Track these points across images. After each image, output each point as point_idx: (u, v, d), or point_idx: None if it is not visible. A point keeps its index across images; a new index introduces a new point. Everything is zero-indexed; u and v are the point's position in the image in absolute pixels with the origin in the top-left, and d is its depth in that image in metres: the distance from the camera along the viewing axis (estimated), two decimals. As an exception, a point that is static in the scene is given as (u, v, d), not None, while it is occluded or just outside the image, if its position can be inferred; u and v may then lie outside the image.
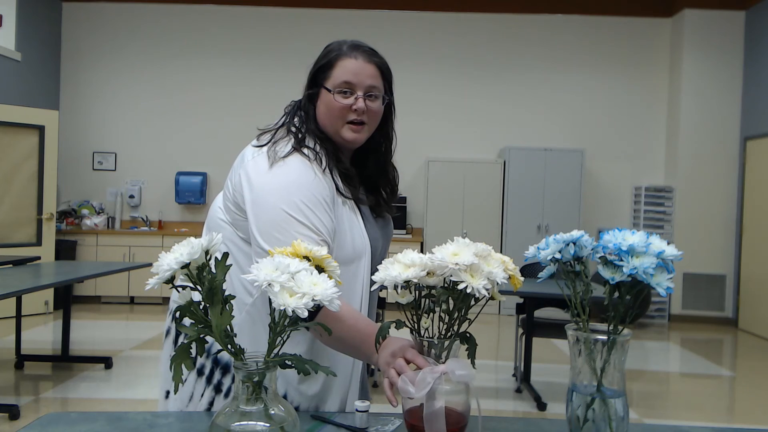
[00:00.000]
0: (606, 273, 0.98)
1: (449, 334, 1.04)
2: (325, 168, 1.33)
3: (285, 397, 1.31)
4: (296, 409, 1.28)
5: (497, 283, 1.00)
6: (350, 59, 1.35)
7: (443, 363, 1.01)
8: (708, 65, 7.29)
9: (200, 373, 1.35)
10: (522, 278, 1.09)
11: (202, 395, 1.34)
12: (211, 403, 1.34)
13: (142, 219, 7.70)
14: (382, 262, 1.06)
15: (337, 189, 1.34)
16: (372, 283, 1.09)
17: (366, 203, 1.42)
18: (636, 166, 7.68)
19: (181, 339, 1.42)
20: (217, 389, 1.34)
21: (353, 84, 1.34)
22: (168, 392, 1.43)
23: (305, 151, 1.33)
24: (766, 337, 6.55)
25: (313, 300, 0.85)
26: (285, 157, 1.30)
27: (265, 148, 1.33)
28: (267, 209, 1.25)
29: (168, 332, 1.45)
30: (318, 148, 1.35)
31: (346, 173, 1.37)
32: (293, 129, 1.37)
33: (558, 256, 1.02)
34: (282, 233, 1.22)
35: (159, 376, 1.50)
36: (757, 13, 7.03)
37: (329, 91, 1.34)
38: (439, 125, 7.67)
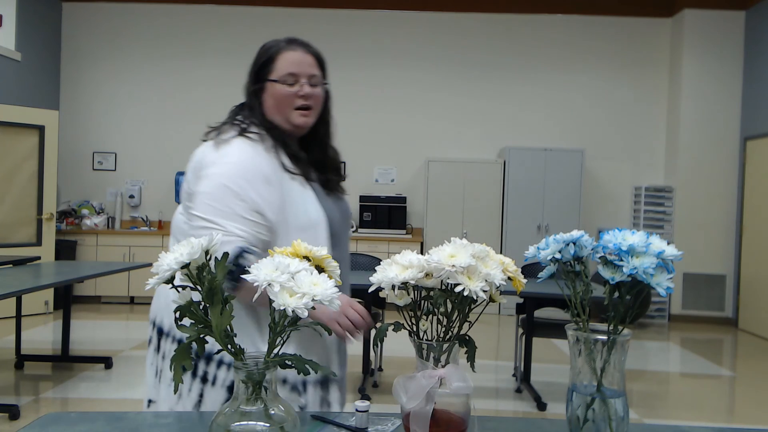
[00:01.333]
0: (606, 273, 0.98)
1: (448, 337, 1.02)
2: (269, 148, 1.41)
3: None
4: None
5: (496, 285, 0.98)
6: (291, 51, 1.46)
7: (442, 367, 0.99)
8: (708, 65, 7.29)
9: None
10: (525, 280, 1.08)
11: (190, 390, 1.36)
12: (201, 395, 1.34)
13: (142, 219, 7.70)
14: (381, 263, 1.06)
15: (284, 166, 1.41)
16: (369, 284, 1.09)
17: (315, 180, 1.49)
18: (636, 166, 7.68)
19: (163, 346, 1.43)
20: (204, 380, 1.35)
21: (297, 74, 1.44)
22: (150, 401, 1.45)
23: (250, 135, 1.41)
24: (766, 337, 6.54)
25: (313, 300, 0.85)
26: (230, 140, 1.40)
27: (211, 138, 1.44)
28: (208, 182, 1.34)
29: (150, 341, 1.47)
30: (264, 133, 1.44)
31: (296, 155, 1.45)
32: (236, 122, 1.46)
33: (558, 256, 1.02)
34: (217, 202, 1.30)
35: (143, 384, 1.50)
36: (757, 13, 7.03)
37: (276, 81, 1.44)
38: (439, 125, 7.66)
